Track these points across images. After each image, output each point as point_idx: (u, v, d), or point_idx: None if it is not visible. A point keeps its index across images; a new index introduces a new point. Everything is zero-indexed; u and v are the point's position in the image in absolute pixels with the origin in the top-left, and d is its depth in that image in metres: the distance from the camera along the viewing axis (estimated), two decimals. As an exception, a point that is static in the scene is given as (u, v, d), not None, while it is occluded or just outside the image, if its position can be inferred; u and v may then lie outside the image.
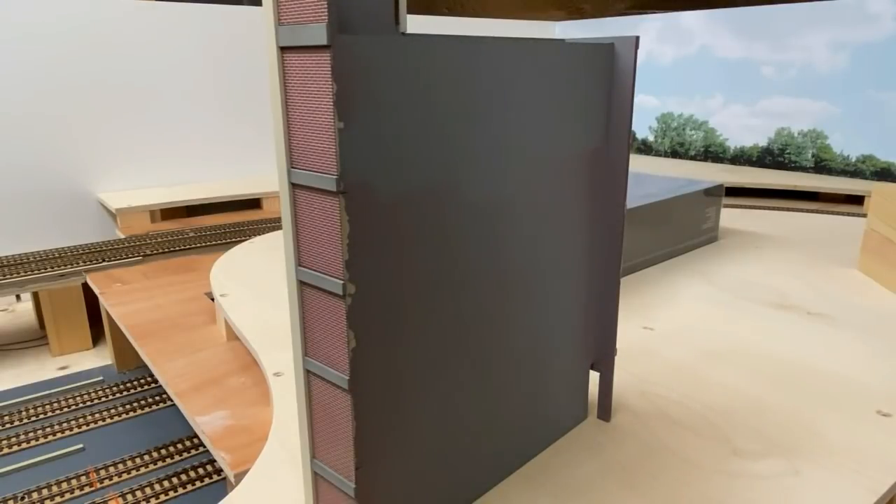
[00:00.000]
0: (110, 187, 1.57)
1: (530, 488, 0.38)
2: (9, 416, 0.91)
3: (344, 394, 0.28)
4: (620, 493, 0.37)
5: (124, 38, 1.54)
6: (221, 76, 1.71)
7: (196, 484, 0.76)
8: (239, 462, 0.52)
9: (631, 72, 0.38)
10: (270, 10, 0.25)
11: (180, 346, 0.77)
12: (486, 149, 0.32)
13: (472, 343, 0.33)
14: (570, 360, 0.42)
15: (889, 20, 1.74)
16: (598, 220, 0.41)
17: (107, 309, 0.97)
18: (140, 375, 1.03)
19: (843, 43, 1.83)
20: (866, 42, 1.79)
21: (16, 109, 1.42)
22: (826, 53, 1.87)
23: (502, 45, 0.31)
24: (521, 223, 0.35)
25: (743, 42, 2.04)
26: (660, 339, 0.59)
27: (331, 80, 0.24)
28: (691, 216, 0.87)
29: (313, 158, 0.26)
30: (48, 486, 0.75)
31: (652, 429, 0.44)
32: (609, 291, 0.42)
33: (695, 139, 2.23)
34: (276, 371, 0.54)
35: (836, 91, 1.87)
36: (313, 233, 0.27)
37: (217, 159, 1.75)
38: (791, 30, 1.92)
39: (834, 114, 1.89)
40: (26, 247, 1.34)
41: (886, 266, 0.74)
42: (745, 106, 2.08)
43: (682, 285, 0.73)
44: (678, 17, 2.20)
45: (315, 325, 0.28)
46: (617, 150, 0.40)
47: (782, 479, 0.39)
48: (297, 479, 0.39)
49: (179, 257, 1.19)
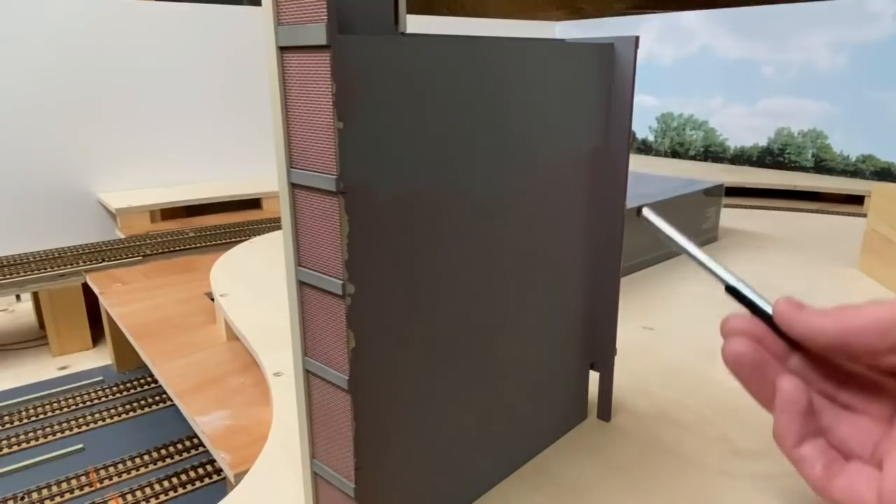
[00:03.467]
0: (110, 187, 1.57)
1: (530, 488, 0.38)
2: (9, 416, 0.91)
3: (343, 394, 0.28)
4: (620, 493, 0.37)
5: (124, 38, 1.54)
6: (221, 76, 1.71)
7: (196, 484, 0.76)
8: (239, 462, 0.52)
9: (631, 72, 0.38)
10: (269, 10, 0.25)
11: (180, 346, 0.77)
12: (486, 149, 0.32)
13: (472, 343, 0.33)
14: (570, 360, 0.42)
15: (889, 20, 1.74)
16: (598, 220, 0.41)
17: (107, 309, 0.97)
18: (140, 375, 1.03)
19: (843, 43, 1.83)
20: (866, 42, 1.79)
21: (16, 109, 1.42)
22: (826, 53, 1.87)
23: (502, 45, 0.31)
24: (520, 223, 0.35)
25: (743, 42, 2.04)
26: (660, 339, 0.59)
27: (330, 80, 0.24)
28: (691, 216, 0.87)
29: (313, 158, 0.26)
30: (48, 486, 0.75)
31: (652, 429, 0.44)
32: (609, 291, 0.42)
33: (695, 139, 2.23)
34: (276, 371, 0.54)
35: (836, 91, 1.87)
36: (313, 233, 0.27)
37: (217, 159, 1.75)
38: (791, 30, 1.92)
39: (834, 114, 1.89)
40: (26, 247, 1.34)
41: (886, 266, 0.74)
42: (745, 106, 2.08)
43: (682, 285, 0.73)
44: (678, 17, 2.20)
45: (315, 325, 0.28)
46: (617, 150, 0.40)
47: (782, 479, 0.39)
48: (297, 480, 0.39)
49: (179, 257, 1.19)
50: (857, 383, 0.32)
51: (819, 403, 0.32)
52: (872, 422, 0.31)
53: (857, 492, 0.29)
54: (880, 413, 0.31)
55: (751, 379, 0.32)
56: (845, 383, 0.32)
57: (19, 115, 1.42)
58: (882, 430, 0.30)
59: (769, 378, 0.32)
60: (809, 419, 0.30)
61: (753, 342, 0.32)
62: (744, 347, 0.32)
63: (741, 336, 0.32)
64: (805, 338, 0.31)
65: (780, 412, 0.31)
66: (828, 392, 0.32)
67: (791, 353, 0.33)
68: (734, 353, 0.32)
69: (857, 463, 0.30)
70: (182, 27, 1.62)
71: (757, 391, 0.32)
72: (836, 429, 0.31)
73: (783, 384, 0.31)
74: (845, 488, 0.29)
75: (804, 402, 0.30)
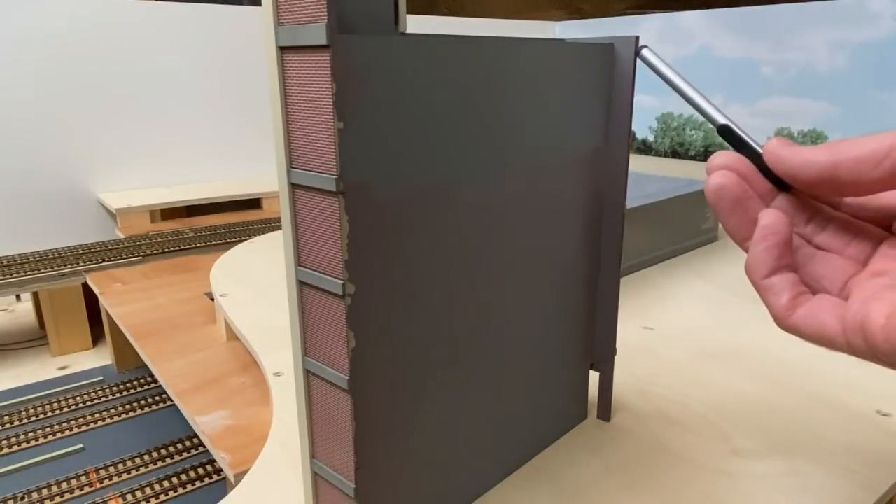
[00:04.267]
0: (110, 187, 1.57)
1: (530, 488, 0.38)
2: (9, 416, 0.91)
3: (344, 394, 0.28)
4: (620, 493, 0.37)
5: (124, 38, 1.54)
6: (221, 76, 1.71)
7: (196, 484, 0.76)
8: (239, 462, 0.52)
9: (631, 72, 0.38)
10: (270, 10, 0.25)
11: (180, 346, 0.77)
12: (486, 148, 0.32)
13: (472, 343, 0.34)
14: (570, 360, 0.42)
15: (889, 20, 1.74)
16: (598, 220, 0.41)
17: (107, 309, 0.97)
18: (140, 375, 1.03)
19: (843, 43, 1.83)
20: (866, 42, 1.79)
21: (15, 110, 1.42)
22: (826, 53, 1.87)
23: (502, 45, 0.31)
24: (520, 223, 0.35)
25: (743, 42, 2.04)
26: (660, 339, 0.59)
27: (330, 80, 0.24)
28: (691, 216, 0.87)
29: (313, 158, 0.26)
30: (48, 486, 0.75)
31: (652, 429, 0.44)
32: (609, 291, 0.42)
33: (695, 139, 2.23)
34: (276, 371, 0.54)
35: (836, 91, 1.87)
36: (313, 233, 0.27)
37: (217, 159, 1.75)
38: (791, 30, 1.92)
39: (834, 114, 1.89)
40: (26, 247, 1.34)
41: (886, 266, 0.73)
42: (745, 106, 2.08)
43: (682, 285, 0.73)
44: (678, 17, 2.20)
45: (315, 325, 0.28)
46: (617, 150, 0.40)
47: (782, 479, 0.39)
48: (297, 479, 0.39)
49: (179, 257, 1.19)
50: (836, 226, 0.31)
51: (797, 243, 0.31)
52: (847, 262, 0.30)
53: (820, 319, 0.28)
54: (856, 254, 0.30)
55: (730, 212, 0.31)
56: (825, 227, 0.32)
57: (19, 115, 1.42)
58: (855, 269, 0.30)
59: (750, 214, 0.31)
60: (785, 253, 0.30)
61: (737, 176, 0.31)
62: (726, 180, 0.31)
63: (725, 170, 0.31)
64: (795, 170, 0.30)
65: (758, 242, 0.30)
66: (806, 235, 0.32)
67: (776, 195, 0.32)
68: (716, 185, 0.31)
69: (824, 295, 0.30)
70: (182, 27, 1.62)
71: (735, 226, 0.31)
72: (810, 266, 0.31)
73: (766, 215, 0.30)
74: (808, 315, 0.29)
75: (784, 234, 0.30)
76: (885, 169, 0.27)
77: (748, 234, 0.31)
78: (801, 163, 0.30)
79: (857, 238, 0.31)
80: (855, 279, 0.29)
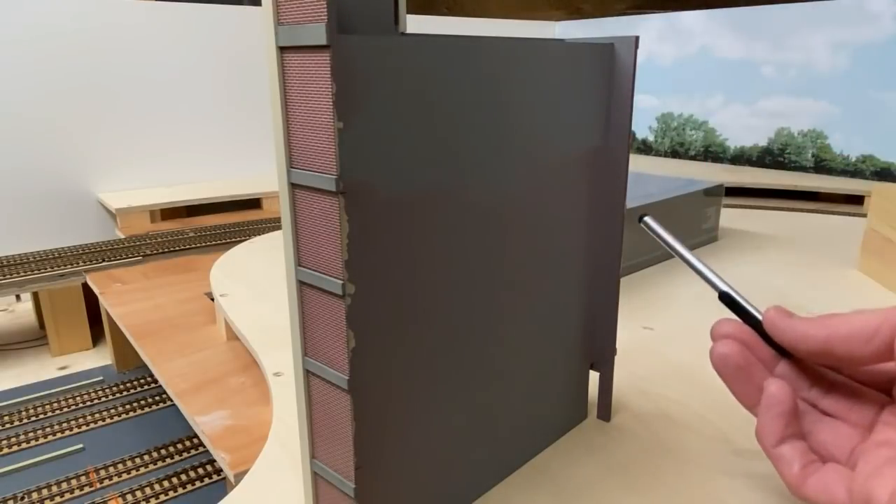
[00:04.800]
0: (110, 187, 1.57)
1: (530, 488, 0.38)
2: (9, 416, 0.91)
3: (343, 394, 0.28)
4: (620, 493, 0.37)
5: (124, 38, 1.54)
6: (221, 76, 1.71)
7: (196, 484, 0.76)
8: (239, 462, 0.52)
9: (631, 72, 0.38)
10: (269, 10, 0.25)
11: (180, 346, 0.77)
12: (486, 149, 0.32)
13: (473, 342, 0.34)
14: (570, 360, 0.42)
15: (889, 20, 1.74)
16: (598, 220, 0.41)
17: (107, 309, 0.97)
18: (140, 375, 1.03)
19: (843, 43, 1.83)
20: (866, 42, 1.79)
21: (16, 109, 1.42)
22: (826, 53, 1.87)
23: (502, 45, 0.31)
24: (520, 223, 0.35)
25: (743, 42, 2.04)
26: (660, 339, 0.59)
27: (330, 79, 0.24)
28: (691, 216, 0.87)
29: (313, 158, 0.26)
30: (48, 486, 0.75)
31: (652, 429, 0.44)
32: (609, 291, 0.42)
33: (695, 139, 2.23)
34: (276, 371, 0.54)
35: (836, 91, 1.87)
36: (313, 233, 0.27)
37: (217, 159, 1.75)
38: (791, 30, 1.93)
39: (834, 114, 1.89)
40: (26, 247, 1.34)
41: (886, 266, 0.74)
42: (745, 106, 2.08)
43: (682, 285, 0.73)
44: (678, 17, 2.20)
45: (314, 325, 0.28)
46: (617, 150, 0.40)
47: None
48: (297, 479, 0.39)
49: (179, 257, 1.19)
50: (839, 392, 0.33)
51: (802, 408, 0.33)
52: (852, 428, 0.32)
53: (830, 489, 0.29)
54: (860, 420, 0.32)
55: (735, 379, 0.33)
56: (828, 392, 0.33)
57: (20, 115, 1.42)
58: (861, 437, 0.31)
59: (754, 381, 0.33)
60: (792, 421, 0.31)
61: (740, 345, 0.33)
62: (730, 349, 0.33)
63: (729, 339, 0.34)
64: (792, 343, 0.32)
65: (765, 411, 0.32)
66: (811, 399, 0.33)
67: (778, 360, 0.34)
68: (720, 354, 0.33)
69: (832, 464, 0.31)
70: (182, 27, 1.62)
71: (740, 391, 0.33)
72: (817, 434, 0.32)
73: (770, 385, 0.32)
74: (818, 485, 0.30)
75: (789, 403, 0.31)
76: (876, 346, 0.29)
77: (754, 400, 0.33)
78: (797, 337, 0.31)
79: (860, 403, 0.32)
80: (861, 447, 0.31)
